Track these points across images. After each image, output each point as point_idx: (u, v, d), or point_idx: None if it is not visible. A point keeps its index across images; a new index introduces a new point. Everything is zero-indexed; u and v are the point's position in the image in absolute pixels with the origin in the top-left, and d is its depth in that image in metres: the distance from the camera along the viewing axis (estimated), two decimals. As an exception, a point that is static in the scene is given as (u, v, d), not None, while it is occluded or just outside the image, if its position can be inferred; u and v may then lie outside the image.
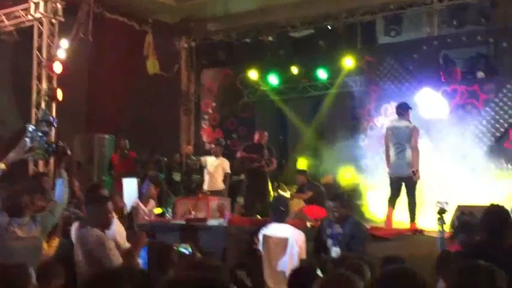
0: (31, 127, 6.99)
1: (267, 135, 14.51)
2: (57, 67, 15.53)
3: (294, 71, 18.55)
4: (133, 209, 11.47)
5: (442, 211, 8.55)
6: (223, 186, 15.29)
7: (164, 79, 18.49)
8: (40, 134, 6.93)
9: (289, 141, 19.44)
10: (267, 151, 14.28)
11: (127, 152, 15.83)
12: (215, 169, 15.22)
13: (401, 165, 11.62)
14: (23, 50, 16.08)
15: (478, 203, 10.00)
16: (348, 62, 17.46)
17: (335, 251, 8.22)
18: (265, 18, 18.33)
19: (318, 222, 9.75)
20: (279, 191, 15.15)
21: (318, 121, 18.93)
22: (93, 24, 15.85)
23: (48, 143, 6.99)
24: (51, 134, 9.63)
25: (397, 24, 16.67)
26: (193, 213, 12.66)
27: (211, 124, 20.39)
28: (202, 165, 15.52)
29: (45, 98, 15.47)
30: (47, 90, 15.51)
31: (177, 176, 16.49)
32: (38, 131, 6.94)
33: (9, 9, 16.11)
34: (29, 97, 15.67)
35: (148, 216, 12.04)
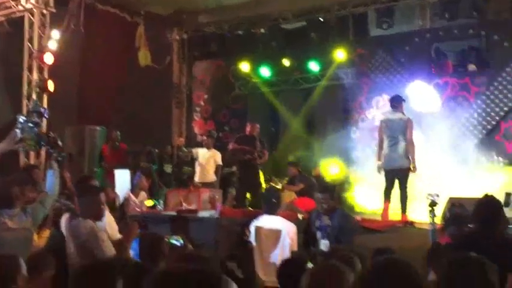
0: (22, 118, 6.95)
1: (258, 127, 14.50)
2: (49, 58, 15.47)
3: (286, 63, 18.52)
4: (124, 200, 11.49)
5: (433, 203, 8.57)
6: (214, 178, 15.30)
7: (156, 71, 18.44)
8: (31, 125, 6.90)
9: (280, 133, 19.42)
10: (259, 143, 14.28)
11: (118, 144, 15.77)
12: (207, 161, 15.24)
13: (394, 158, 11.67)
14: (14, 41, 15.99)
15: (469, 195, 10.02)
16: (340, 55, 17.44)
17: (324, 243, 8.21)
18: (257, 10, 18.28)
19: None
20: (271, 183, 15.16)
21: (309, 113, 18.92)
22: (85, 15, 15.81)
23: (39, 134, 6.96)
24: (42, 125, 9.58)
25: (389, 16, 16.66)
26: (184, 205, 12.65)
27: (203, 116, 20.37)
28: (194, 157, 15.53)
29: (36, 89, 15.41)
30: (38, 81, 15.44)
31: (168, 168, 16.48)
32: (29, 122, 6.90)
33: (0, 0, 16.01)
34: (19, 88, 15.58)
35: (139, 207, 12.03)
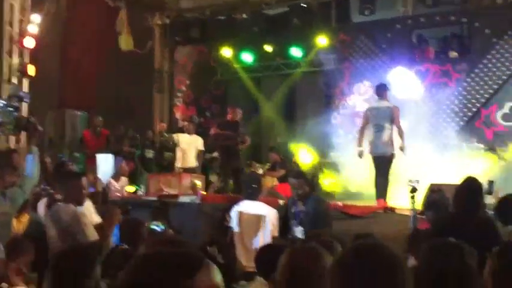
0: (1, 102, 6.91)
1: (240, 112, 14.44)
2: (29, 42, 15.35)
3: (268, 48, 18.50)
4: (106, 185, 11.46)
5: (413, 190, 8.58)
6: (196, 164, 15.27)
7: (137, 56, 18.34)
8: (11, 109, 6.86)
9: (262, 119, 19.40)
10: (242, 128, 14.26)
11: (100, 130, 15.69)
12: (188, 146, 15.20)
13: (377, 145, 11.74)
14: (-6, 24, 15.87)
15: (450, 181, 10.07)
16: (322, 40, 17.45)
17: (298, 230, 8.19)
18: (239, -5, 18.27)
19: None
20: (252, 169, 15.15)
21: (291, 99, 18.93)
22: (66, -1, 15.72)
23: (18, 119, 6.92)
24: (22, 110, 9.53)
25: (371, 2, 16.65)
26: (165, 190, 12.63)
27: (185, 101, 20.31)
28: (175, 142, 15.48)
29: (17, 74, 15.30)
30: (18, 65, 15.34)
31: (150, 153, 16.44)
32: (9, 106, 6.86)
33: (-20, -16, 15.87)
34: (-1, 72, 15.50)
35: (120, 192, 12.01)
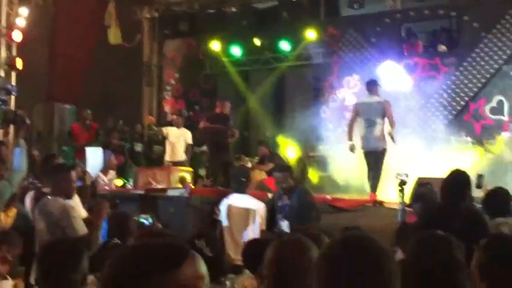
0: (-11, 95, 6.89)
1: (229, 106, 14.42)
2: (17, 35, 15.28)
3: (257, 42, 18.47)
4: (95, 178, 11.43)
5: (402, 183, 8.60)
6: (184, 157, 15.24)
7: (126, 49, 18.30)
8: (-2, 102, 6.84)
9: (251, 112, 19.38)
10: (231, 122, 14.25)
11: (89, 123, 15.64)
12: (177, 140, 15.17)
13: (369, 140, 11.76)
14: (-18, 18, 15.79)
15: (438, 175, 10.10)
16: (311, 34, 17.43)
17: (284, 224, 8.18)
18: (228, -12, 18.25)
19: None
20: (241, 162, 15.14)
21: (280, 93, 18.92)
22: (54, -8, 15.65)
23: (6, 112, 6.91)
24: (10, 103, 9.52)
25: (360, -4, 16.70)
26: (154, 183, 12.62)
27: (173, 95, 20.26)
28: (164, 136, 15.45)
29: (5, 67, 15.23)
30: (6, 58, 15.26)
31: (139, 147, 16.43)
32: (-4, 100, 6.85)
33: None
34: (-13, 66, 15.43)
35: (108, 186, 11.99)
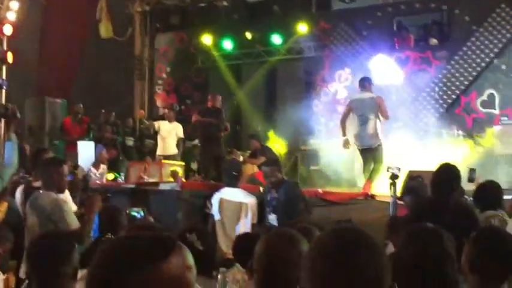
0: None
1: (220, 99, 14.39)
2: (7, 29, 15.18)
3: (249, 36, 18.45)
4: (87, 172, 11.43)
5: (394, 176, 8.60)
6: (176, 151, 15.24)
7: (117, 43, 18.26)
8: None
9: (242, 106, 19.36)
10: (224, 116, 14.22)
11: (81, 117, 15.61)
12: (168, 134, 15.17)
13: (363, 137, 11.71)
14: (-29, 12, 15.72)
15: (429, 168, 10.12)
16: (303, 28, 17.42)
17: (272, 217, 8.19)
18: (219, -18, 18.21)
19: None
20: (232, 156, 15.13)
21: (271, 86, 18.91)
22: (45, -15, 15.59)
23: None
24: (1, 97, 9.47)
25: (352, -10, 16.70)
26: (145, 177, 12.62)
27: (165, 89, 20.22)
28: (155, 129, 15.44)
29: (-5, 61, 15.17)
30: (-3, 53, 15.21)
31: (130, 141, 16.41)
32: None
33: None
34: (-23, 60, 15.35)
35: (99, 180, 11.99)
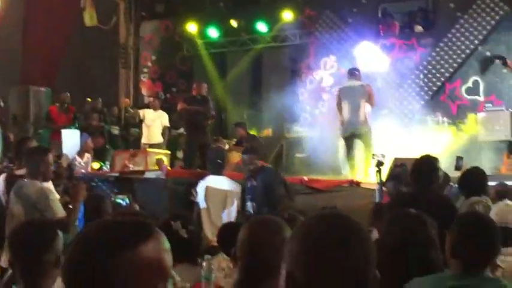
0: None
1: (206, 87, 14.35)
2: (-9, 18, 15.14)
3: (234, 24, 18.41)
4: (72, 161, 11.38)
5: (379, 164, 8.65)
6: (161, 140, 15.23)
7: (102, 31, 18.18)
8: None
9: (228, 94, 19.33)
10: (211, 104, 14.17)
11: (67, 106, 15.53)
12: (153, 122, 15.15)
13: (354, 122, 11.77)
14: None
15: (414, 155, 10.15)
16: (288, 15, 17.40)
17: (249, 205, 8.20)
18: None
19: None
20: (218, 144, 15.12)
21: (257, 74, 18.90)
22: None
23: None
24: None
25: (337, -23, 16.68)
26: (131, 166, 12.60)
27: (151, 77, 20.15)
28: (141, 118, 15.41)
29: (-22, 50, 15.11)
30: (-20, 42, 15.14)
31: (115, 130, 16.36)
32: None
33: None
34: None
35: (84, 169, 11.95)
